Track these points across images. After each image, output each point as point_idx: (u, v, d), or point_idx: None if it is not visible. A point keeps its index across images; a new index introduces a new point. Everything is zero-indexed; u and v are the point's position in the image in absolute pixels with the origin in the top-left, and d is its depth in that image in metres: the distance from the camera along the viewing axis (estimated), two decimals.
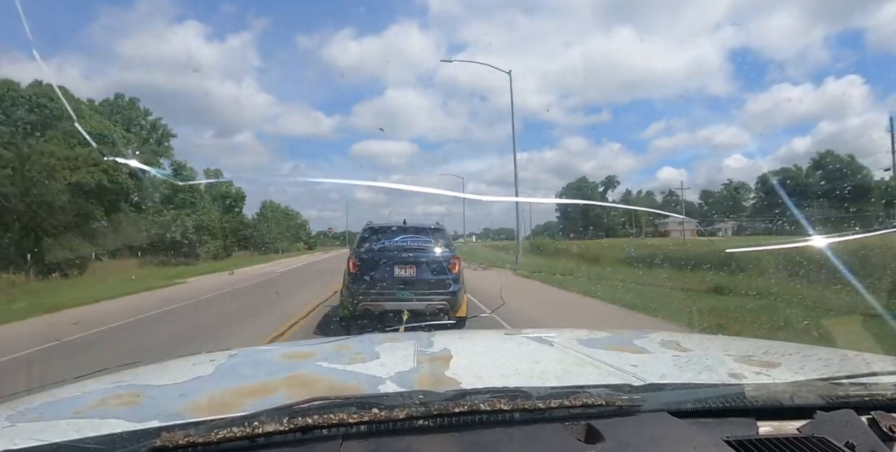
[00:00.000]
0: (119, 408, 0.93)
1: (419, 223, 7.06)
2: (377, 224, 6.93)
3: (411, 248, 6.41)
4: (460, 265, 6.54)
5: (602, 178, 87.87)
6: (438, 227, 6.90)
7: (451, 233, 8.59)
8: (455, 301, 6.18)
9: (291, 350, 1.54)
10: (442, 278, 6.22)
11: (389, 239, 6.51)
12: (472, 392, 0.77)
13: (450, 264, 6.32)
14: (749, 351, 1.33)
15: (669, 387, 0.88)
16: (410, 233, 6.60)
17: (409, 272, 6.20)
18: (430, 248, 6.47)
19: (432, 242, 6.53)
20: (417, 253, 6.36)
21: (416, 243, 6.49)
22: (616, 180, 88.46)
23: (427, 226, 6.93)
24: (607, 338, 1.54)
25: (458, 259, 6.49)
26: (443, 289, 6.16)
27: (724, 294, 9.68)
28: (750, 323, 6.53)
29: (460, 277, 6.45)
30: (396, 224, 6.86)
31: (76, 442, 0.70)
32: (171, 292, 13.94)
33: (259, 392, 0.97)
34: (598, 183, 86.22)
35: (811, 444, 0.70)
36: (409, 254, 6.32)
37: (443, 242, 6.60)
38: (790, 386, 0.84)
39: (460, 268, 6.51)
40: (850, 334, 3.45)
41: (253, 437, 0.66)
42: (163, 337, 7.03)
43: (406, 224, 6.85)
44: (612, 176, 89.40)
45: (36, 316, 9.23)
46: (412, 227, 6.77)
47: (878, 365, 1.07)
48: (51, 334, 6.87)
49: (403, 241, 6.47)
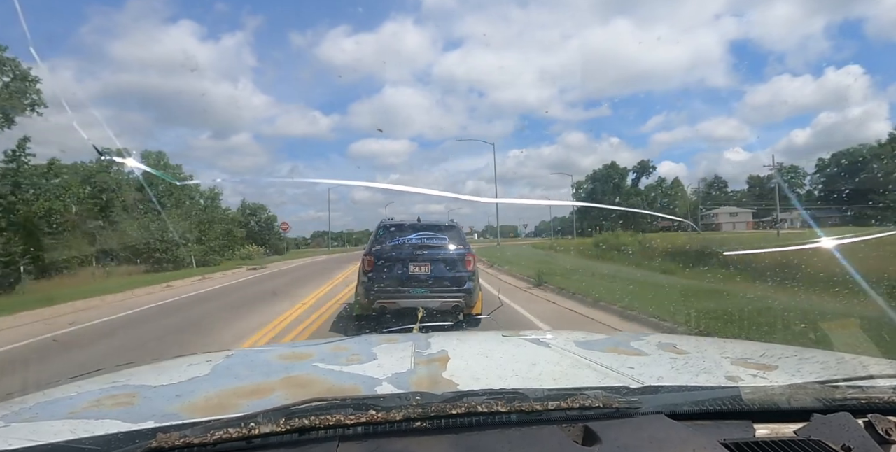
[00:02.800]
0: (115, 409, 0.92)
1: (433, 220, 7.12)
2: (391, 222, 6.98)
3: (426, 246, 6.46)
4: (475, 262, 6.59)
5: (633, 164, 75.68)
6: (452, 225, 6.94)
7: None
8: (470, 298, 6.24)
9: (288, 351, 1.53)
10: (457, 275, 6.28)
11: (404, 236, 6.55)
12: (469, 393, 0.77)
13: (464, 261, 6.38)
14: (746, 353, 1.33)
15: (667, 390, 0.88)
16: (425, 231, 6.64)
17: (424, 269, 6.25)
18: (444, 246, 6.51)
19: (446, 240, 6.57)
20: (432, 251, 6.41)
21: (430, 241, 6.54)
22: (651, 166, 75.57)
23: (441, 223, 6.98)
24: (604, 341, 1.54)
25: (472, 256, 6.54)
26: (458, 286, 6.22)
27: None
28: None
29: (475, 274, 6.52)
30: (410, 221, 6.91)
31: (72, 443, 0.69)
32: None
33: (255, 393, 0.97)
34: (630, 169, 75.13)
35: (808, 447, 0.70)
36: (423, 252, 6.37)
37: (457, 240, 6.65)
38: (787, 389, 0.84)
39: (475, 265, 6.56)
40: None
41: (249, 438, 0.66)
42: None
43: (420, 221, 6.91)
44: (646, 161, 76.83)
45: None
46: (426, 225, 6.82)
47: (875, 368, 1.07)
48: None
49: (418, 239, 6.52)
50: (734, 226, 60.34)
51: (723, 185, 74.44)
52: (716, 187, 72.93)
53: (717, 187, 73.03)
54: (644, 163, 76.35)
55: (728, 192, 72.07)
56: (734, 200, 68.32)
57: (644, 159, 77.83)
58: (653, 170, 75.66)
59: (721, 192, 70.55)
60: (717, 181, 75.35)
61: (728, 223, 62.65)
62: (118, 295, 12.44)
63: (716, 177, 77.11)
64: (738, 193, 71.66)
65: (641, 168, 75.84)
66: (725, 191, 72.50)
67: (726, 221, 63.16)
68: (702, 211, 65.98)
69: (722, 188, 73.04)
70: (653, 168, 75.63)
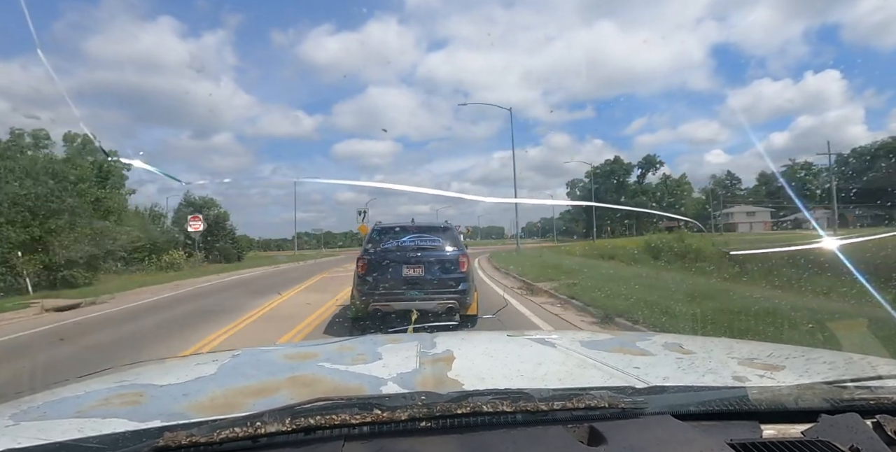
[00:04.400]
0: (122, 408, 0.93)
1: (427, 222, 7.15)
2: (386, 224, 7.01)
3: (419, 248, 6.48)
4: (469, 263, 6.60)
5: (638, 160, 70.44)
6: (447, 226, 6.96)
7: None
8: (464, 299, 6.25)
9: (294, 350, 1.54)
10: (451, 277, 6.29)
11: (398, 239, 6.58)
12: (474, 393, 0.77)
13: (458, 263, 6.39)
14: (753, 353, 1.32)
15: (673, 390, 0.87)
16: (418, 233, 6.67)
17: (418, 271, 6.27)
18: (438, 247, 6.53)
19: (440, 241, 6.59)
20: (426, 253, 6.43)
21: (424, 242, 6.56)
22: (658, 161, 70.13)
23: (435, 225, 7.01)
24: (610, 341, 1.54)
25: (466, 257, 6.55)
26: (452, 288, 6.22)
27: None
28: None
29: (469, 275, 6.52)
30: (405, 223, 6.94)
31: (79, 442, 0.70)
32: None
33: (261, 393, 0.97)
34: (635, 164, 70.31)
35: (815, 448, 0.70)
36: (417, 254, 6.39)
37: (451, 241, 6.65)
38: (794, 389, 0.84)
39: (469, 267, 6.57)
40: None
41: (255, 437, 0.66)
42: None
43: (414, 223, 6.94)
44: (653, 156, 70.93)
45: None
46: (420, 226, 6.85)
47: (883, 369, 1.06)
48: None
49: (412, 241, 6.54)
50: (751, 227, 56.80)
51: (736, 183, 69.40)
52: (726, 185, 68.06)
53: (730, 185, 67.83)
54: (650, 157, 70.95)
55: (742, 190, 67.96)
56: (745, 199, 64.26)
57: (650, 154, 72.64)
58: (660, 166, 70.54)
59: (729, 192, 66.46)
60: (729, 178, 70.55)
61: (745, 223, 58.56)
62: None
63: (728, 173, 72.17)
64: (746, 191, 68.21)
65: (647, 163, 70.42)
66: (739, 189, 68.01)
67: (742, 221, 59.21)
68: (711, 210, 61.00)
69: (735, 185, 68.30)
70: (660, 163, 70.48)
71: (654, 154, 72.41)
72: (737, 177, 70.45)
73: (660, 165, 70.98)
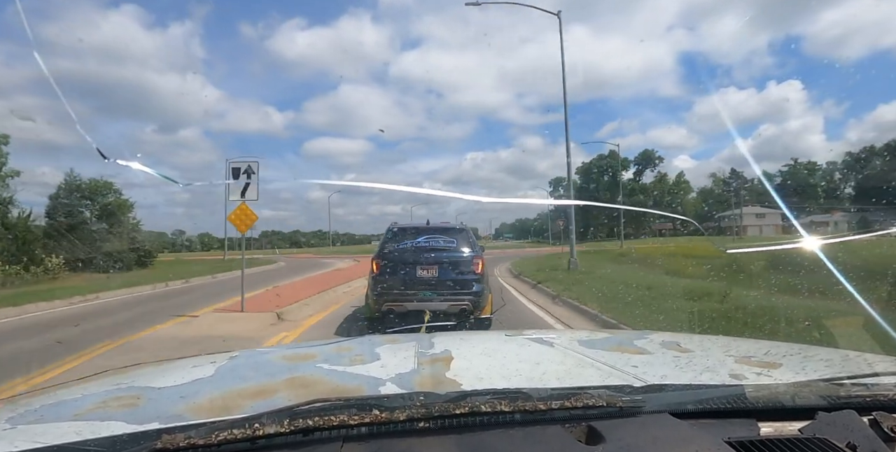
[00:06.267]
0: (119, 410, 0.92)
1: (442, 223, 7.15)
2: (401, 225, 7.04)
3: (433, 248, 6.50)
4: (484, 265, 6.59)
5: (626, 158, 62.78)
6: (462, 227, 6.97)
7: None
8: (479, 301, 6.23)
9: (292, 351, 1.54)
10: (465, 278, 6.28)
11: (412, 239, 6.61)
12: (472, 393, 0.77)
13: (473, 264, 6.39)
14: (750, 351, 1.32)
15: (670, 388, 0.87)
16: (433, 234, 6.68)
17: (432, 272, 6.28)
18: (453, 248, 6.53)
19: (455, 242, 6.59)
20: (440, 254, 6.44)
21: (438, 243, 6.57)
22: (657, 157, 64.08)
23: (450, 226, 7.01)
24: (608, 339, 1.54)
25: (481, 259, 6.55)
26: (466, 289, 6.22)
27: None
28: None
29: (484, 277, 6.52)
30: (419, 224, 6.97)
31: (76, 445, 0.70)
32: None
33: (260, 394, 0.97)
34: (631, 161, 64.52)
35: (813, 445, 0.70)
36: (431, 255, 6.40)
37: (466, 242, 6.66)
38: (791, 387, 0.84)
39: (484, 268, 6.56)
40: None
41: (254, 439, 0.66)
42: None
43: (429, 224, 6.96)
44: (651, 151, 63.45)
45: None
46: (435, 228, 6.86)
47: (880, 366, 1.07)
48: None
49: (426, 242, 6.56)
50: (761, 230, 53.21)
51: (743, 183, 62.85)
52: (731, 184, 62.63)
53: (736, 184, 62.04)
54: (648, 153, 65.43)
55: (749, 190, 62.66)
56: (751, 200, 59.25)
57: (648, 149, 67.46)
58: (659, 162, 65.47)
59: (732, 192, 61.72)
60: (734, 176, 64.43)
61: (754, 226, 54.53)
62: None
63: (732, 171, 65.74)
64: (748, 189, 63.19)
65: (645, 159, 64.96)
66: (746, 189, 62.39)
67: (752, 224, 54.97)
68: (709, 210, 57.50)
69: (742, 186, 62.25)
70: (659, 159, 65.49)
71: (652, 149, 67.91)
72: (743, 176, 64.80)
73: (659, 161, 66.53)
